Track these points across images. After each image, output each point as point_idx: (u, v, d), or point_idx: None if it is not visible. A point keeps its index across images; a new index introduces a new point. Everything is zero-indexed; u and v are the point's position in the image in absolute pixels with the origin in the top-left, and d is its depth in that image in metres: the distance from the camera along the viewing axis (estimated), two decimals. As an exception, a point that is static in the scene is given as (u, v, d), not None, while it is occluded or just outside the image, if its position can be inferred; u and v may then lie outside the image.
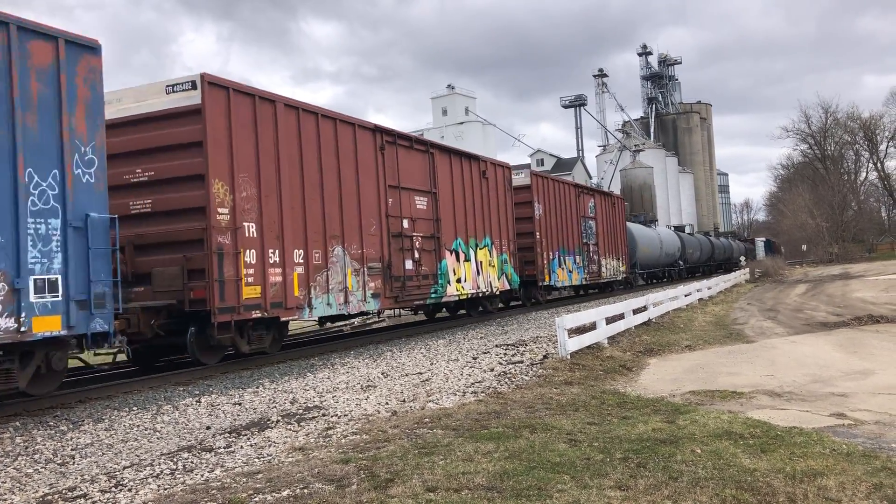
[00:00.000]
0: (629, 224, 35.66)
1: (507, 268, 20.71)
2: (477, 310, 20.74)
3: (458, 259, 17.81)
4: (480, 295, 19.21)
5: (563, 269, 24.76)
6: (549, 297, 26.78)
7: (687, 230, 55.78)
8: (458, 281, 17.74)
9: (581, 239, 26.84)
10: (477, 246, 18.86)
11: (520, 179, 22.68)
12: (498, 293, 20.33)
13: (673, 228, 50.05)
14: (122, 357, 11.91)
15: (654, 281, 42.65)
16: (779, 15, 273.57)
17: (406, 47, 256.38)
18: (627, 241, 33.54)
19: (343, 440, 6.76)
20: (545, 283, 23.37)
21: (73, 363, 10.53)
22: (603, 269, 29.34)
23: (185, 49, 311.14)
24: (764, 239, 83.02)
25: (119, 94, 11.71)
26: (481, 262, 19.03)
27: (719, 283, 31.58)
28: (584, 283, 27.33)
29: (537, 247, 22.75)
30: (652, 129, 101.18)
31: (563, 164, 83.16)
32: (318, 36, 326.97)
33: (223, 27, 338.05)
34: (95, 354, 10.76)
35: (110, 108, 10.78)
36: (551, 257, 23.70)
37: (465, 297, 18.33)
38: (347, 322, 21.00)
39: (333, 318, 15.74)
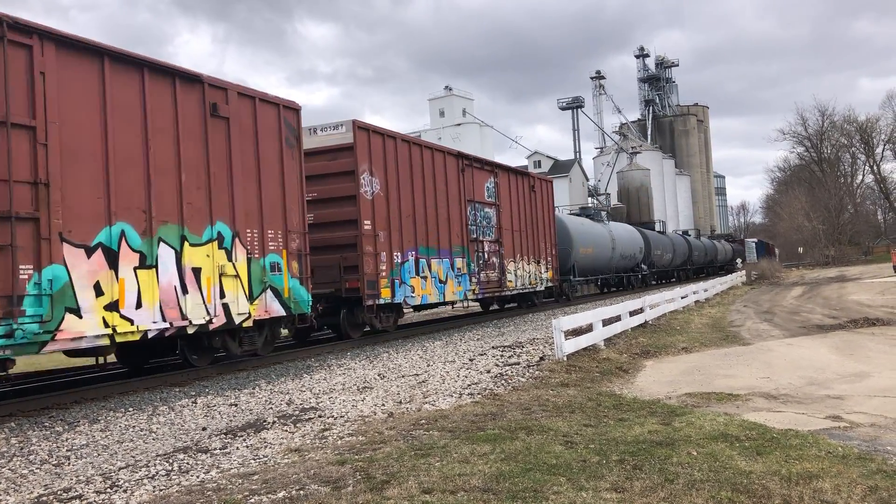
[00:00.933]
0: (560, 216, 27.86)
1: (282, 279, 12.27)
2: (207, 358, 11.86)
3: (113, 265, 9.38)
4: (198, 331, 10.72)
5: (425, 277, 16.86)
6: (410, 320, 19.65)
7: (657, 227, 49.16)
8: (112, 308, 9.28)
9: (468, 234, 19.01)
10: (185, 239, 10.52)
11: (336, 135, 14.93)
12: (252, 324, 11.69)
13: (639, 226, 42.15)
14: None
15: (613, 289, 34.66)
16: (773, 18, 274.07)
17: (402, 49, 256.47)
18: (556, 238, 25.43)
19: (339, 441, 6.76)
20: (383, 301, 15.34)
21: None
22: (510, 277, 21.15)
23: (180, 50, 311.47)
24: (755, 240, 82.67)
25: None
26: (197, 271, 10.66)
27: (716, 285, 31.69)
28: (469, 296, 19.11)
29: (366, 243, 14.85)
30: (649, 132, 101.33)
31: (560, 166, 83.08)
32: (314, 37, 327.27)
33: (219, 28, 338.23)
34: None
35: None
36: (399, 260, 15.91)
37: (130, 338, 9.57)
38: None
39: None
